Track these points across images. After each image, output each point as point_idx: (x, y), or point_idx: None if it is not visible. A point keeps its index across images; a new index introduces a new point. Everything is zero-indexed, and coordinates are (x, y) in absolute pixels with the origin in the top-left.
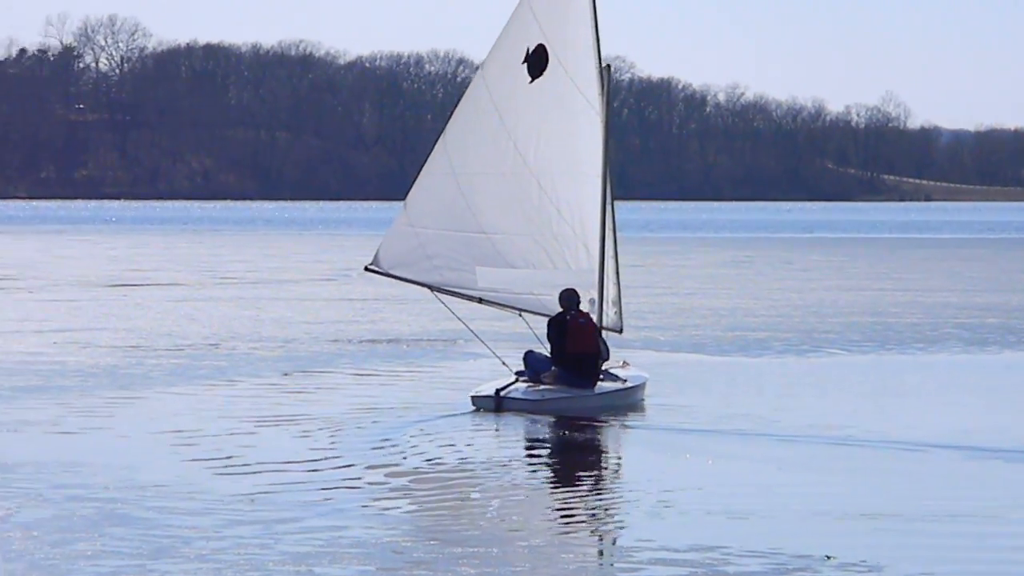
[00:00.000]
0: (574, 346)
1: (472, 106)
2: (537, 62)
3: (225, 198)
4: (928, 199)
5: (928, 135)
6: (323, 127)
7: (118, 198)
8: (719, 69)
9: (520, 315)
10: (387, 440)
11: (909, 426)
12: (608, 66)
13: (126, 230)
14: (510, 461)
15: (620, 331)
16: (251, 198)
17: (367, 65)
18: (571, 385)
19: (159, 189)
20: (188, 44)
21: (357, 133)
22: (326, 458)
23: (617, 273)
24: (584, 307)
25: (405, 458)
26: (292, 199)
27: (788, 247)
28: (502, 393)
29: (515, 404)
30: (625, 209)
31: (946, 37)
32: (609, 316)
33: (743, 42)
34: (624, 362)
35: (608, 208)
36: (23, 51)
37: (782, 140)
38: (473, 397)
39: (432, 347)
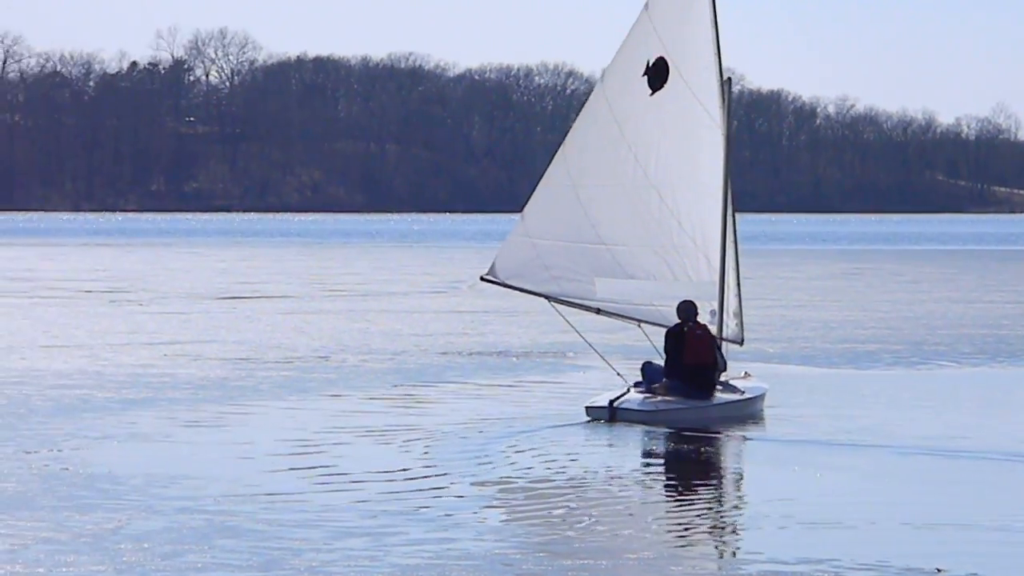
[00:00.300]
0: (691, 357)
1: (591, 118)
2: (658, 75)
3: (334, 211)
4: None
5: None
6: (432, 139)
7: (228, 210)
8: (829, 81)
9: (639, 326)
10: (497, 452)
11: (1020, 439)
12: (729, 79)
13: (236, 242)
14: (622, 473)
15: (741, 343)
16: (360, 210)
17: (476, 78)
18: (686, 396)
19: (269, 202)
20: (298, 57)
21: (467, 145)
22: (435, 470)
23: (739, 285)
24: (705, 319)
25: (515, 470)
26: (401, 211)
27: (898, 259)
28: (616, 404)
29: (629, 415)
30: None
31: None
32: (730, 328)
33: (853, 53)
34: (746, 373)
35: (729, 220)
36: (134, 64)
37: (892, 152)
38: (587, 408)
39: (542, 359)
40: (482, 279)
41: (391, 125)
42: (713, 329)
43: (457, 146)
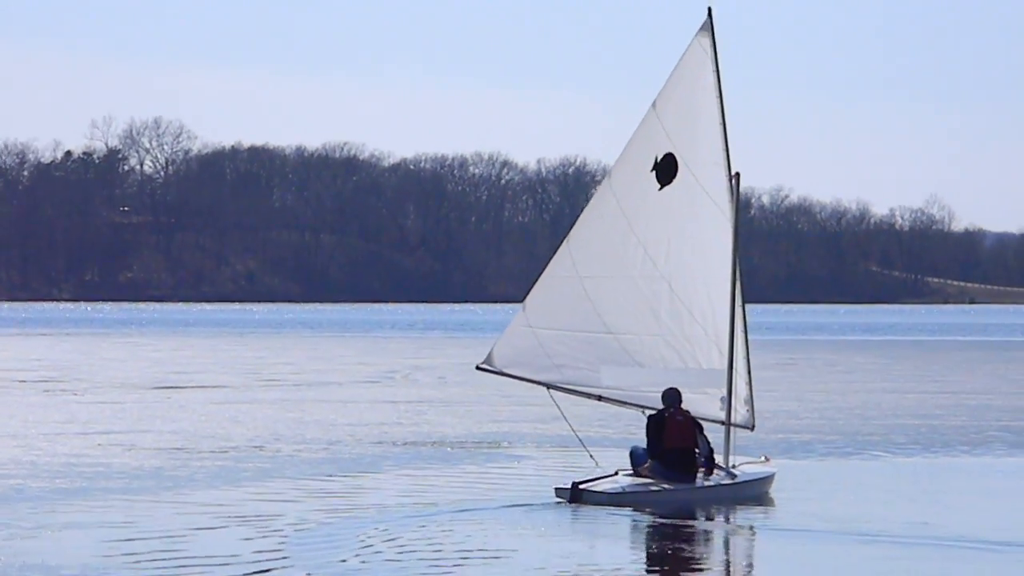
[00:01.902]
0: (671, 441)
1: (598, 212)
2: (666, 170)
3: (269, 300)
4: (972, 302)
5: (972, 237)
6: (367, 229)
7: (163, 300)
8: (763, 171)
9: (643, 412)
10: (436, 539)
11: (946, 525)
12: (738, 173)
13: (170, 332)
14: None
15: (752, 428)
16: (295, 300)
17: (411, 167)
18: (668, 480)
19: (203, 291)
20: (233, 146)
21: (401, 235)
22: (374, 558)
23: (749, 372)
24: (716, 406)
25: (458, 559)
26: (336, 301)
27: (832, 349)
28: (580, 485)
29: (594, 497)
30: None
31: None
32: (740, 413)
33: (787, 144)
34: (765, 457)
35: (738, 309)
36: (68, 153)
37: (826, 242)
38: (556, 489)
39: (477, 449)
40: (478, 368)
41: (326, 214)
42: (722, 415)
43: (392, 235)
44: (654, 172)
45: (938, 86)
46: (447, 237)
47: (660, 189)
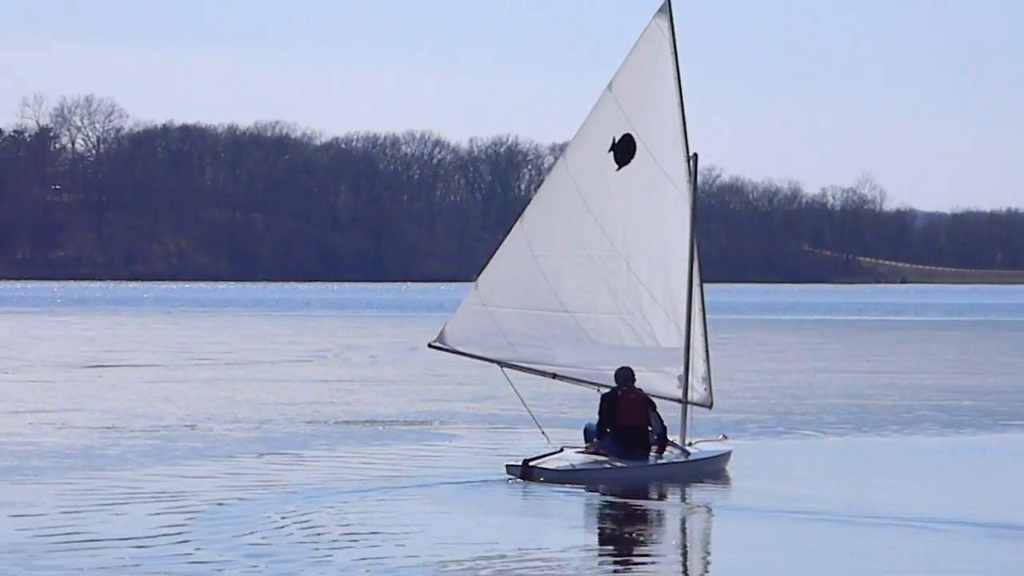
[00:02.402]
0: (624, 419)
1: (553, 192)
2: (624, 150)
3: (201, 279)
4: (904, 281)
5: (904, 217)
6: (299, 208)
7: (94, 279)
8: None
9: (598, 391)
10: (348, 517)
11: (876, 505)
12: (695, 154)
13: (101, 311)
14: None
15: (710, 406)
16: (226, 279)
17: (343, 146)
18: (620, 457)
19: (135, 270)
20: (164, 125)
21: (333, 214)
22: (298, 539)
23: (707, 351)
24: (674, 384)
25: (382, 538)
26: (268, 280)
27: (763, 329)
28: (531, 463)
29: (544, 474)
30: None
31: (922, 119)
32: (698, 392)
33: (719, 124)
34: (723, 436)
35: (697, 289)
36: None
37: (758, 222)
38: (506, 466)
39: (408, 428)
40: (430, 346)
41: (257, 193)
42: (679, 393)
43: (323, 215)
44: (611, 152)
45: (870, 66)
46: (379, 216)
47: (618, 169)
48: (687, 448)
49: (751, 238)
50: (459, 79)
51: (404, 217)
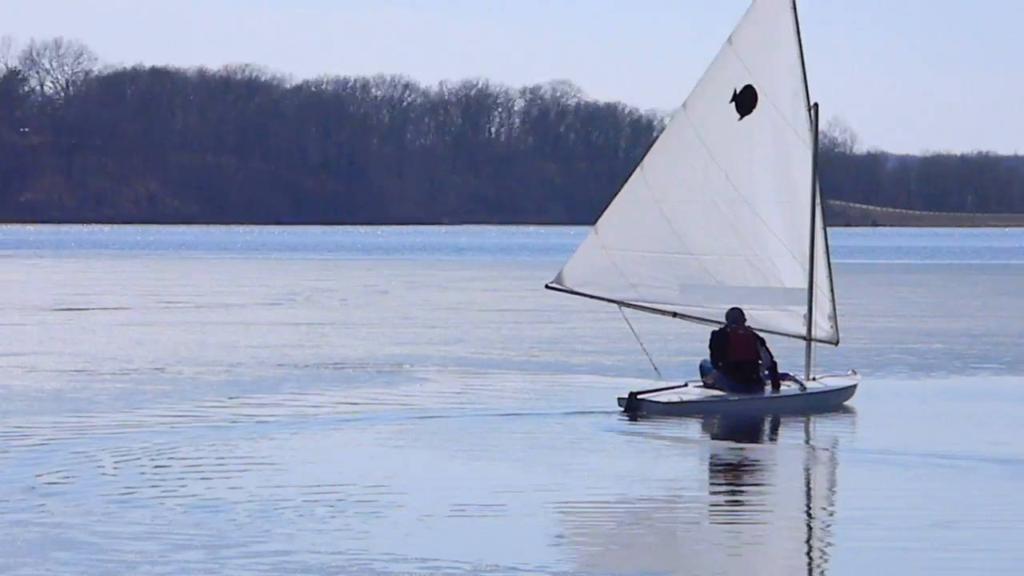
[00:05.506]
0: (735, 353)
1: (675, 141)
2: (745, 101)
3: (171, 222)
4: (875, 224)
5: (875, 160)
6: (269, 151)
7: (64, 222)
8: (665, 94)
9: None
10: (333, 459)
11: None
12: (816, 103)
13: (71, 254)
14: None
15: (836, 343)
16: (197, 222)
17: (313, 89)
18: (732, 390)
19: (105, 213)
20: (134, 68)
21: (303, 157)
22: (270, 483)
23: (832, 291)
24: (800, 322)
25: (351, 480)
26: (238, 223)
27: None
28: (638, 395)
29: (650, 407)
30: (574, 234)
31: (893, 62)
32: (824, 329)
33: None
34: (852, 371)
35: (820, 232)
36: None
37: None
38: (618, 398)
39: (378, 371)
40: (547, 287)
41: (227, 137)
42: (802, 330)
43: (293, 158)
44: (733, 103)
45: (841, 8)
46: (349, 159)
47: (740, 119)
48: (804, 382)
49: None
50: (429, 22)
51: (374, 160)
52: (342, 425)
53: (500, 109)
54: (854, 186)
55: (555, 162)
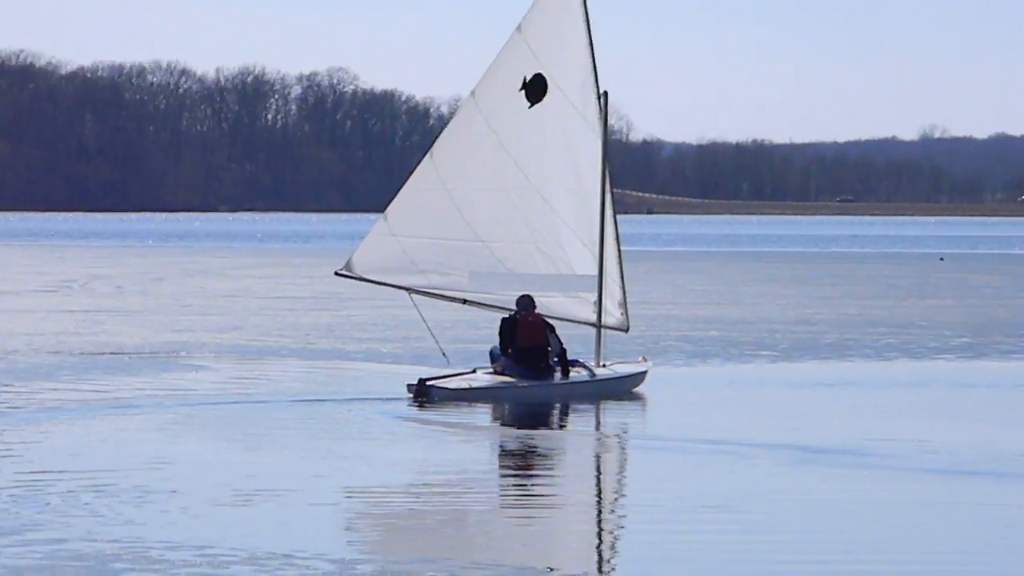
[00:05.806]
0: (523, 340)
1: (465, 130)
2: (536, 89)
3: None
4: (650, 212)
5: (650, 148)
6: (44, 138)
7: None
8: (442, 82)
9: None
10: (109, 447)
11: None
12: (605, 92)
13: None
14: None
15: (626, 330)
16: None
17: (89, 75)
18: (521, 376)
19: None
20: None
21: (79, 144)
22: (43, 469)
23: (622, 278)
24: (590, 309)
25: (127, 467)
26: (12, 210)
27: None
28: (427, 381)
29: (439, 393)
30: (351, 221)
31: (669, 49)
32: (615, 316)
33: (468, 54)
34: (643, 358)
35: (609, 220)
36: None
37: None
38: (407, 385)
39: (155, 359)
40: (336, 274)
41: (2, 122)
42: (595, 318)
43: (69, 144)
44: (523, 91)
45: None
46: (125, 146)
47: (530, 107)
48: (593, 369)
49: None
50: (205, 8)
51: (150, 147)
52: (118, 412)
53: (276, 96)
54: (630, 174)
55: (332, 149)
